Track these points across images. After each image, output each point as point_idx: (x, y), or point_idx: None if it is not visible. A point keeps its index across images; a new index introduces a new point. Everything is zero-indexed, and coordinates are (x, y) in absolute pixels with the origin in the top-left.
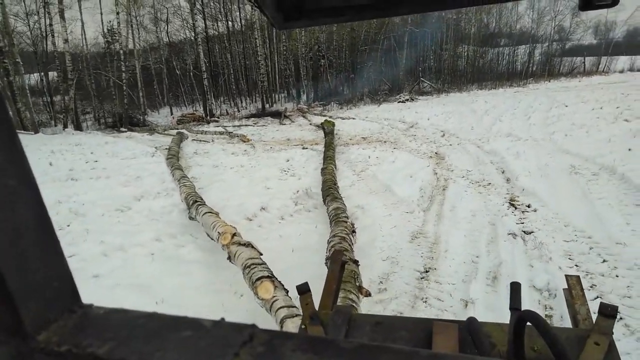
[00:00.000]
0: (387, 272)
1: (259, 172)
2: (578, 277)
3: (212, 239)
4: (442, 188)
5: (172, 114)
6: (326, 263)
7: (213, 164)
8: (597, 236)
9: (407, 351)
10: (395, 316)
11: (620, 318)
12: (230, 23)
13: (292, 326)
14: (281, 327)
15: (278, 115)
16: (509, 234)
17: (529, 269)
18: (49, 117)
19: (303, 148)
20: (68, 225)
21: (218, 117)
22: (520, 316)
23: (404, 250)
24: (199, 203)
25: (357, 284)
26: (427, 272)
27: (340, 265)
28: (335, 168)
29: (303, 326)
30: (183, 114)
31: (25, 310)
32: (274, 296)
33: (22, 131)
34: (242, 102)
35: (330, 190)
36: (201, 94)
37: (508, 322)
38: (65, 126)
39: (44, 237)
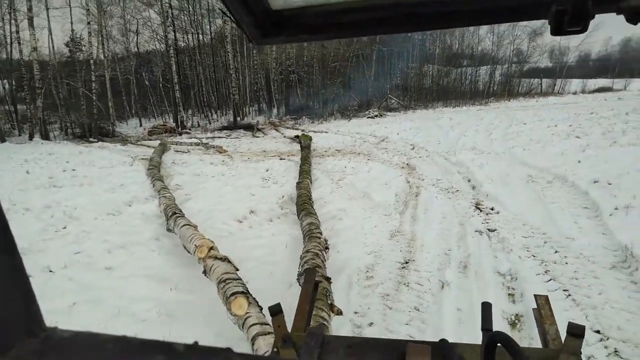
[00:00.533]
0: (372, 263)
1: (241, 180)
2: (546, 297)
3: (189, 252)
4: (415, 194)
5: (141, 124)
6: (298, 279)
7: (194, 173)
8: (550, 232)
9: None
10: (368, 338)
11: (569, 295)
12: (201, 36)
13: (264, 344)
14: (252, 344)
15: (250, 128)
16: (476, 231)
17: (493, 259)
18: (10, 126)
19: (280, 159)
20: (64, 228)
21: (190, 129)
22: (492, 337)
23: (385, 245)
24: (177, 215)
25: (329, 301)
26: (407, 262)
27: (314, 285)
28: (311, 182)
29: (275, 349)
30: (154, 125)
31: None
32: (247, 312)
33: None
34: (212, 115)
35: (304, 204)
36: (172, 105)
37: (480, 342)
38: (31, 136)
39: (5, 254)
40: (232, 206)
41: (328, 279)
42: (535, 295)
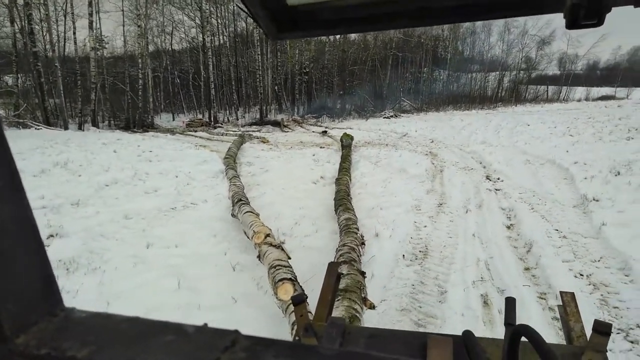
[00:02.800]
0: (418, 204)
1: (297, 161)
2: (573, 294)
3: (248, 238)
4: (440, 170)
5: (173, 119)
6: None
7: (254, 155)
8: (537, 191)
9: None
10: (390, 329)
11: (543, 217)
12: (226, 37)
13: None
14: (292, 329)
15: (277, 124)
16: (487, 189)
17: (498, 202)
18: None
19: (320, 147)
20: (187, 184)
21: (221, 124)
22: (516, 330)
23: (424, 197)
24: (242, 202)
25: (363, 295)
26: (441, 204)
27: (336, 277)
28: (350, 180)
29: (297, 338)
30: (191, 119)
31: (5, 312)
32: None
33: (52, 127)
34: (237, 112)
35: (343, 200)
36: (206, 101)
37: (502, 337)
38: (80, 126)
39: (27, 237)
40: (302, 175)
41: (362, 273)
42: (560, 292)
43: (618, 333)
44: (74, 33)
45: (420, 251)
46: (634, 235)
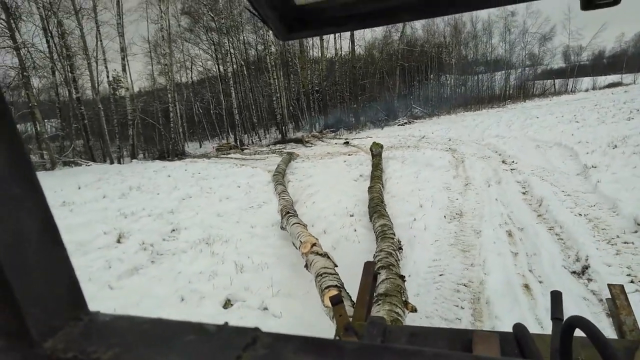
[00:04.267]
0: (448, 185)
1: (333, 167)
2: (622, 286)
3: (296, 248)
4: (461, 161)
5: (200, 146)
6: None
7: (292, 167)
8: (546, 167)
9: (412, 350)
10: (431, 327)
11: (552, 184)
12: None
13: None
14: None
15: (299, 141)
16: (503, 170)
17: (513, 177)
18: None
19: (348, 155)
20: (249, 192)
21: (247, 146)
22: (570, 322)
23: (452, 181)
24: (290, 214)
25: (403, 299)
26: (466, 184)
27: (373, 276)
28: (383, 188)
29: (337, 337)
30: (220, 144)
31: (31, 318)
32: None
33: (99, 163)
34: (258, 134)
35: (377, 207)
36: (230, 127)
37: (549, 333)
38: (119, 160)
39: (50, 245)
40: (344, 176)
41: (402, 277)
42: (609, 285)
43: (608, 242)
44: (107, 76)
45: (456, 214)
46: (622, 188)
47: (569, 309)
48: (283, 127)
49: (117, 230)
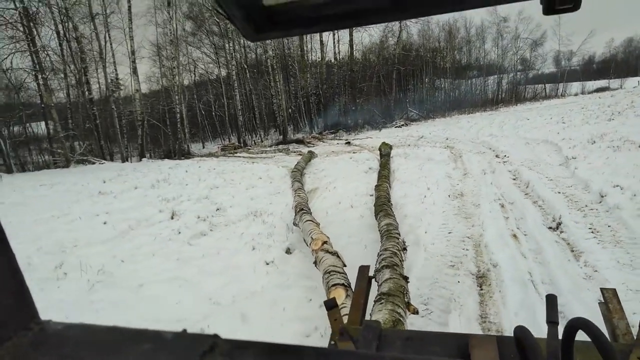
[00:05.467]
0: (450, 175)
1: (341, 163)
2: (614, 290)
3: (307, 245)
4: (459, 156)
5: (203, 146)
6: (374, 276)
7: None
8: (534, 159)
9: (376, 357)
10: (427, 331)
11: (538, 173)
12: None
13: None
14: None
15: (300, 142)
16: (497, 162)
17: (505, 168)
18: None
19: (353, 153)
20: (271, 182)
21: (250, 146)
22: (572, 324)
23: (452, 171)
24: (304, 211)
25: (406, 300)
26: (465, 174)
27: (367, 280)
28: (390, 187)
29: (332, 342)
30: (224, 144)
31: None
32: (343, 303)
33: (105, 161)
34: (259, 135)
35: (383, 206)
36: (232, 128)
37: (544, 336)
38: (125, 159)
39: None
40: (354, 169)
41: (405, 278)
42: (601, 289)
43: (578, 209)
44: (117, 78)
45: (458, 194)
46: (595, 173)
47: (546, 250)
48: (283, 129)
49: (169, 210)
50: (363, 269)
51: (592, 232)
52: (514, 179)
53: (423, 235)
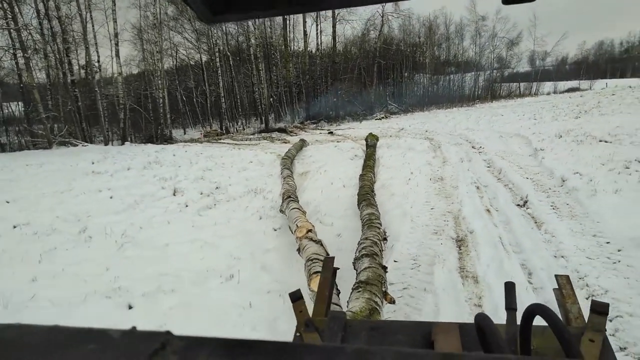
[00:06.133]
0: (430, 162)
1: (327, 151)
2: (567, 276)
3: (292, 232)
4: (438, 146)
5: (184, 132)
6: (354, 264)
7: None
8: (506, 150)
9: (330, 348)
10: (392, 320)
11: (510, 162)
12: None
13: None
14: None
15: (282, 130)
16: (473, 152)
17: (480, 157)
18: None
19: (337, 142)
20: (263, 165)
21: (232, 134)
22: (531, 309)
23: (432, 160)
24: (291, 199)
25: (383, 289)
26: (444, 162)
27: (332, 272)
28: (374, 176)
29: (298, 334)
30: (207, 131)
31: None
32: None
33: (88, 143)
34: (240, 122)
35: (366, 195)
36: (215, 114)
37: (503, 322)
38: (107, 142)
39: None
40: (341, 156)
41: (384, 268)
42: (556, 276)
43: (542, 191)
44: (98, 61)
45: (438, 178)
46: (559, 162)
47: (514, 221)
48: (265, 118)
49: (170, 188)
50: (328, 261)
51: (553, 209)
52: (488, 167)
53: (409, 209)
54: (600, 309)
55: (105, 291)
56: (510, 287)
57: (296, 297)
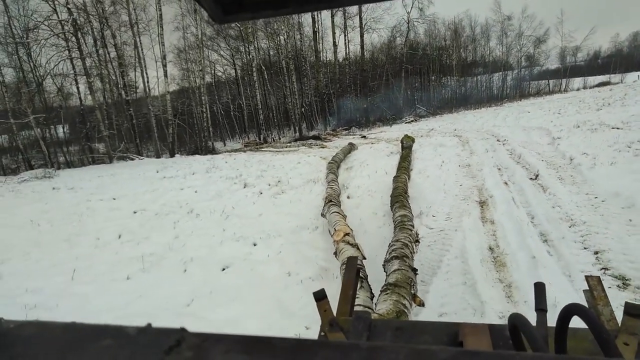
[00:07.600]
0: (460, 153)
1: (365, 151)
2: (598, 277)
3: (331, 235)
4: (467, 142)
5: (224, 144)
6: (384, 266)
7: (330, 153)
8: (528, 141)
9: (348, 345)
10: (418, 321)
11: (531, 151)
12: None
13: None
14: None
15: (316, 138)
16: (498, 144)
17: (504, 148)
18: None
19: (372, 144)
20: (310, 164)
21: (270, 143)
22: (568, 309)
23: (461, 152)
24: (332, 203)
25: (412, 291)
26: (471, 153)
27: (356, 272)
28: (409, 178)
29: (322, 333)
30: (247, 141)
31: None
32: (357, 295)
33: (144, 157)
34: (275, 132)
35: (399, 197)
36: (252, 126)
37: (534, 323)
38: (158, 155)
39: None
40: (378, 154)
41: (414, 270)
42: (586, 277)
43: (553, 169)
44: (147, 81)
45: (466, 165)
46: (572, 147)
47: (526, 189)
48: (298, 126)
49: (240, 183)
50: (351, 260)
51: (559, 179)
52: (510, 154)
53: (442, 186)
54: (634, 312)
55: (233, 239)
56: (540, 288)
57: (320, 297)
